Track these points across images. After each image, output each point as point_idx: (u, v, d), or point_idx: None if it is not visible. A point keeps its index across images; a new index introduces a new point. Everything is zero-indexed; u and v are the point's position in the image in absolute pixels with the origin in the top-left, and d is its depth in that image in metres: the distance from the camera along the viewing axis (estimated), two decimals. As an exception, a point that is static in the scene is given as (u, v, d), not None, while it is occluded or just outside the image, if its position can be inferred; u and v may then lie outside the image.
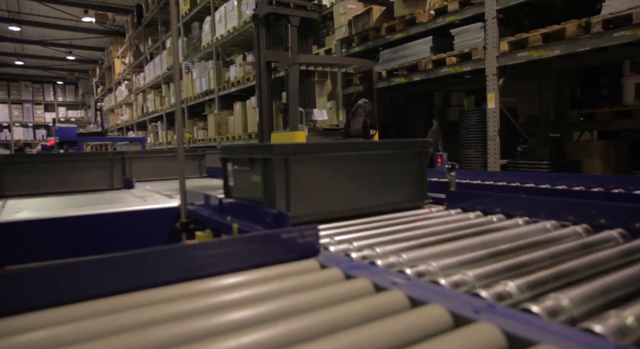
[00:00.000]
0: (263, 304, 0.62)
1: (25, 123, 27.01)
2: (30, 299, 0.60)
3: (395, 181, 1.63)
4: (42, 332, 0.57)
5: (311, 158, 1.53)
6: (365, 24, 5.87)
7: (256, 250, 0.80)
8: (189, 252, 0.77)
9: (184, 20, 11.38)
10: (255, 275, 0.75)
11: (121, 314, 0.64)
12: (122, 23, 17.32)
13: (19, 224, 1.41)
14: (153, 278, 0.77)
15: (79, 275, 0.73)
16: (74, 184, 2.27)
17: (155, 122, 14.40)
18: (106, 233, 1.56)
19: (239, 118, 8.95)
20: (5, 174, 2.10)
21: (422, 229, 1.04)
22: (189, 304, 0.66)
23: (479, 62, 4.46)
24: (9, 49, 20.76)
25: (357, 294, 0.63)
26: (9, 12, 15.86)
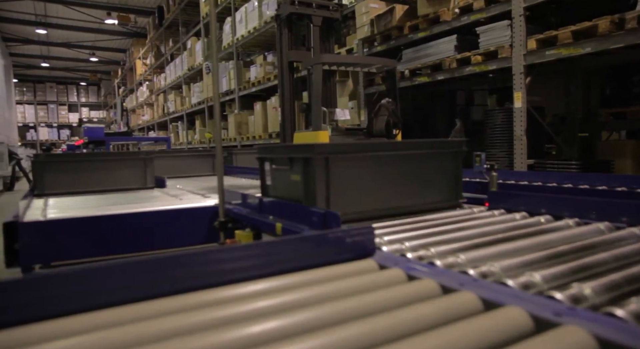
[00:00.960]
0: (328, 305, 0.62)
1: (50, 123, 27.71)
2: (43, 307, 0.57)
3: (432, 181, 1.64)
4: (61, 342, 0.52)
5: (351, 157, 1.53)
6: (388, 23, 5.84)
7: (312, 250, 0.80)
8: (245, 252, 0.77)
9: (205, 21, 11.49)
10: (314, 276, 0.75)
11: (172, 317, 0.63)
12: (143, 24, 17.61)
13: (68, 221, 1.45)
14: (207, 279, 0.77)
15: (114, 277, 0.69)
16: (109, 183, 2.32)
17: (176, 121, 14.59)
18: (145, 232, 1.59)
19: (259, 118, 9.00)
20: (45, 173, 2.16)
21: (472, 229, 1.03)
22: (247, 306, 0.65)
23: (505, 61, 4.39)
24: (36, 51, 21.33)
25: (425, 295, 0.63)
26: (36, 16, 16.29)
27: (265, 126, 8.84)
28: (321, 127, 4.96)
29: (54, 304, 0.59)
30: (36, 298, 0.57)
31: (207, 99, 11.43)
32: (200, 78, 12.40)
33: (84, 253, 1.50)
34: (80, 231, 1.47)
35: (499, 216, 1.21)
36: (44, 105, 27.58)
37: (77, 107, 28.79)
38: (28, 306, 0.55)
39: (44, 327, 0.54)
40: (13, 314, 0.54)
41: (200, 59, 11.94)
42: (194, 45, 12.41)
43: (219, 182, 1.55)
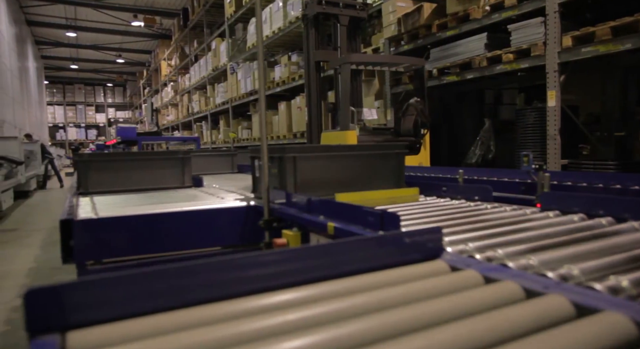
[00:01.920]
0: (405, 308, 0.61)
1: (78, 123, 28.48)
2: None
3: (379, 174, 2.19)
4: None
5: (312, 157, 2.04)
6: (416, 21, 5.79)
7: (378, 252, 0.79)
8: (309, 253, 0.77)
9: (229, 22, 11.61)
10: (384, 277, 0.74)
11: (236, 321, 0.62)
12: (168, 26, 17.91)
13: (119, 219, 1.48)
14: (276, 280, 0.76)
15: (173, 279, 0.67)
16: (149, 182, 2.36)
17: (200, 121, 14.79)
18: (192, 229, 1.62)
19: (283, 117, 9.04)
20: (89, 172, 2.22)
21: (532, 231, 1.01)
22: (316, 309, 0.64)
23: (538, 59, 4.30)
24: (66, 54, 21.95)
25: (508, 298, 0.61)
26: (66, 19, 16.75)
27: (289, 126, 8.88)
28: (349, 127, 4.95)
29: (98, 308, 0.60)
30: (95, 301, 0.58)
31: (231, 99, 11.55)
32: (225, 78, 12.53)
33: (133, 250, 1.53)
34: (131, 228, 1.51)
35: (555, 218, 1.18)
36: (72, 105, 28.36)
37: (103, 107, 29.50)
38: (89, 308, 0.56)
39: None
40: (87, 314, 0.56)
41: (225, 60, 12.07)
42: (219, 46, 12.55)
43: (264, 181, 1.56)
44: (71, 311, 0.54)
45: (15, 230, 5.84)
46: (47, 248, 4.73)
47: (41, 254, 4.45)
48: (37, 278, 3.57)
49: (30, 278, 3.59)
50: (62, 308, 0.53)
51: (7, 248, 4.80)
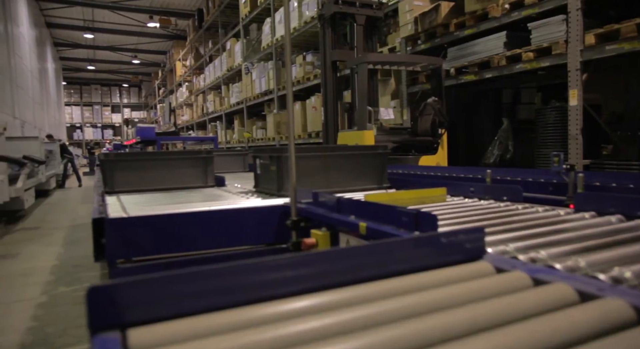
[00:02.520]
0: (453, 311, 0.60)
1: (94, 123, 28.92)
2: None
3: (363, 172, 2.54)
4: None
5: (305, 156, 2.31)
6: (433, 20, 5.74)
7: (418, 252, 0.79)
8: (351, 254, 0.76)
9: (244, 22, 11.67)
10: (426, 279, 0.74)
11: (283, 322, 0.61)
12: (183, 27, 18.08)
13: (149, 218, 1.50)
14: (322, 280, 0.76)
15: (223, 278, 0.67)
16: (173, 181, 2.38)
17: (215, 121, 14.90)
18: (219, 229, 1.63)
19: (298, 117, 9.04)
20: (115, 171, 2.25)
21: (571, 232, 0.99)
22: (364, 310, 0.63)
23: (559, 57, 4.23)
24: (83, 55, 22.31)
25: (562, 301, 0.60)
26: (84, 21, 17.02)
27: (304, 125, 8.88)
28: (366, 127, 4.94)
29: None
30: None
31: (246, 99, 11.61)
32: (239, 78, 12.60)
33: (163, 249, 1.55)
34: (161, 227, 1.52)
35: (593, 219, 1.16)
36: (89, 106, 28.81)
37: (119, 107, 29.90)
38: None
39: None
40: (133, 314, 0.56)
41: (239, 60, 12.13)
42: (233, 47, 12.62)
43: (292, 181, 1.56)
44: (131, 308, 0.54)
45: (37, 228, 5.95)
46: (68, 246, 4.81)
47: (63, 252, 4.53)
48: (60, 276, 3.63)
49: (54, 275, 3.65)
50: (122, 305, 0.54)
51: (31, 245, 4.90)
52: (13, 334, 2.46)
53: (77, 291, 3.21)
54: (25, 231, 5.78)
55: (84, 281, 3.44)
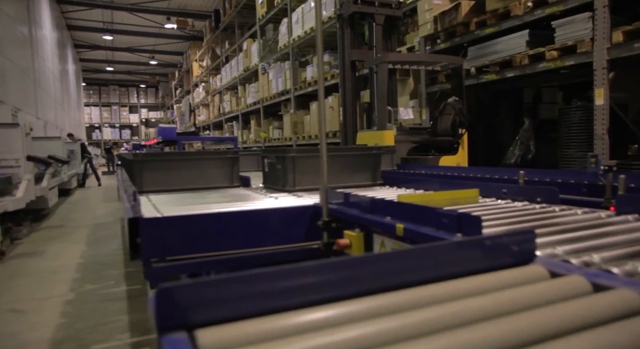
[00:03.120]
0: (511, 316, 0.59)
1: (113, 123, 29.39)
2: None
3: (359, 170, 2.85)
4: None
5: (306, 156, 2.53)
6: (453, 19, 5.69)
7: (467, 256, 0.78)
8: (397, 258, 0.75)
9: (260, 23, 11.72)
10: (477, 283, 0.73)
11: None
12: (200, 28, 18.25)
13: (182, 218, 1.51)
14: (374, 284, 0.74)
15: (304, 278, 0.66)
16: (200, 181, 2.41)
17: (231, 121, 15.00)
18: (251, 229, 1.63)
19: (315, 117, 9.05)
20: (144, 172, 2.28)
21: (619, 235, 0.97)
22: (417, 316, 0.62)
23: (585, 55, 4.15)
24: (102, 56, 22.69)
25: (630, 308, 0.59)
26: (103, 23, 17.31)
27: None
28: (386, 127, 4.91)
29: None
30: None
31: (262, 99, 11.66)
32: (256, 79, 12.67)
33: (195, 249, 1.57)
34: (193, 227, 1.54)
35: (638, 222, 1.13)
36: (107, 106, 29.28)
37: (137, 108, 30.33)
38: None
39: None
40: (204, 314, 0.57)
41: (256, 60, 12.19)
42: (250, 47, 12.69)
43: (323, 182, 1.57)
44: (197, 309, 0.55)
45: (61, 227, 6.07)
46: (91, 244, 4.90)
47: (87, 250, 4.62)
48: (86, 274, 3.70)
49: (79, 273, 3.72)
50: (188, 307, 0.54)
51: (56, 243, 5.00)
52: (45, 330, 2.52)
53: (103, 288, 3.27)
54: (50, 229, 5.90)
55: (109, 279, 3.50)
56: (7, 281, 3.53)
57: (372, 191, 2.46)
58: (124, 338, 2.41)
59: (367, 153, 2.91)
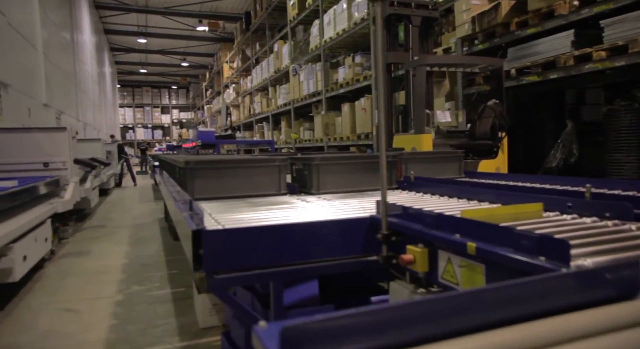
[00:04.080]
0: None
1: (145, 124, 30.19)
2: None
3: (377, 176, 2.60)
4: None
5: (330, 163, 2.72)
6: (492, 19, 5.56)
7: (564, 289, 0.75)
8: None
9: (291, 25, 11.78)
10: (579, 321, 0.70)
11: None
12: (231, 30, 18.51)
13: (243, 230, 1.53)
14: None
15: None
16: (249, 189, 2.43)
17: (261, 122, 15.15)
18: (309, 241, 1.64)
19: (347, 119, 9.03)
20: (195, 179, 2.32)
21: None
22: None
23: (637, 56, 3.97)
24: (136, 59, 23.34)
25: None
26: (138, 26, 17.79)
27: (353, 127, 8.86)
28: (424, 130, 4.85)
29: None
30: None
31: (293, 101, 11.73)
32: (286, 80, 12.75)
33: (255, 261, 1.58)
34: (253, 239, 1.56)
35: None
36: (140, 107, 30.10)
37: (168, 108, 31.04)
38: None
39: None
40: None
41: (287, 62, 12.27)
42: (281, 48, 12.77)
43: (382, 193, 1.55)
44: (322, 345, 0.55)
45: (103, 227, 6.28)
46: (134, 245, 5.04)
47: (130, 251, 4.75)
48: (131, 274, 3.81)
49: (125, 273, 3.84)
50: (315, 343, 0.54)
51: (100, 243, 5.18)
52: (99, 331, 2.61)
53: (150, 290, 3.36)
54: (93, 229, 6.11)
55: (154, 281, 3.59)
56: (60, 280, 3.67)
57: (392, 196, 2.52)
58: (174, 341, 2.47)
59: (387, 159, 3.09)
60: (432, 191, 2.72)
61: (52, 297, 3.25)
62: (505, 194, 2.02)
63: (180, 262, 4.11)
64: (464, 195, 2.29)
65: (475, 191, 2.25)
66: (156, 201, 9.00)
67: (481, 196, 2.19)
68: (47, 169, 4.93)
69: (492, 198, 2.11)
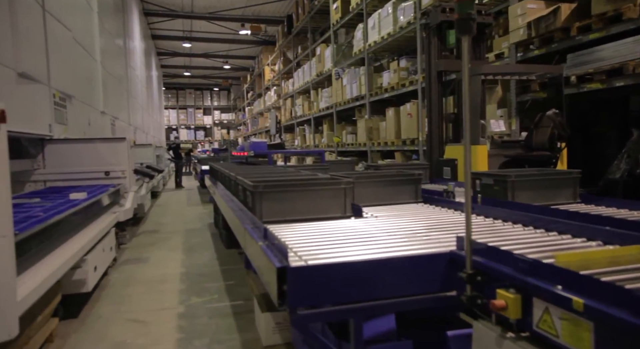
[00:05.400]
0: None
1: (188, 125, 31.09)
2: None
3: (403, 190, 3.22)
4: None
5: (359, 179, 3.00)
6: (550, 24, 5.34)
7: None
8: None
9: (335, 28, 11.79)
10: None
11: None
12: (272, 33, 18.73)
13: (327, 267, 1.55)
14: None
15: None
16: (314, 211, 2.45)
17: (303, 125, 15.26)
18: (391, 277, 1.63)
19: (391, 124, 8.94)
20: (264, 202, 2.36)
21: None
22: None
23: None
24: (180, 62, 24.06)
25: None
26: (183, 31, 18.34)
27: (398, 132, 8.76)
28: (479, 141, 4.73)
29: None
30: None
31: (336, 104, 11.73)
32: (328, 83, 12.77)
33: (336, 297, 1.59)
34: (336, 276, 1.56)
35: None
36: (184, 109, 31.02)
37: (210, 110, 31.82)
38: None
39: None
40: None
41: (329, 65, 12.28)
42: (323, 52, 12.80)
43: (467, 229, 1.52)
44: None
45: (156, 232, 6.52)
46: (188, 253, 5.19)
47: (185, 259, 4.90)
48: (190, 285, 3.93)
49: (184, 284, 3.96)
50: None
51: (156, 250, 5.37)
52: (167, 345, 2.70)
53: (209, 302, 3.45)
54: (148, 234, 6.36)
55: (212, 293, 3.69)
56: (124, 288, 3.84)
57: (415, 210, 2.79)
58: (240, 358, 2.52)
59: (409, 178, 3.27)
60: (450, 206, 2.86)
61: (120, 306, 3.40)
62: (586, 228, 1.93)
63: (235, 272, 4.21)
64: (530, 221, 2.17)
65: (545, 219, 2.14)
66: (204, 204, 9.25)
67: (552, 226, 2.09)
68: (107, 177, 5.17)
69: (564, 229, 2.01)
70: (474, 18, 1.56)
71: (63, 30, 5.79)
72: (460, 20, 1.57)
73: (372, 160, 9.88)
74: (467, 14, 1.54)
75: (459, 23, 1.57)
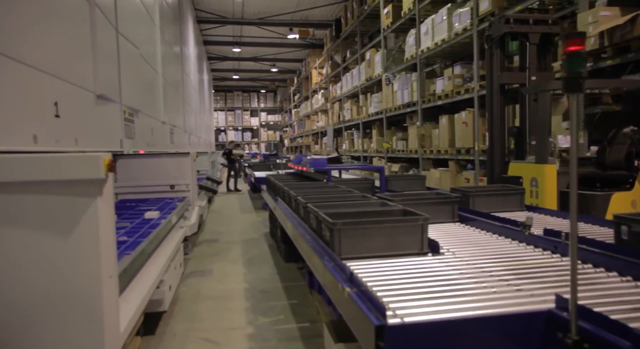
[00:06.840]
0: None
1: (236, 127, 31.87)
2: None
3: (441, 211, 3.49)
4: None
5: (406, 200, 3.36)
6: (627, 33, 5.03)
7: None
8: None
9: (385, 33, 11.67)
10: None
11: None
12: (320, 36, 18.81)
13: (424, 324, 1.54)
14: None
15: None
16: (390, 247, 2.44)
17: (350, 129, 15.23)
18: (478, 337, 1.60)
19: (445, 132, 8.76)
20: (342, 238, 2.39)
21: None
22: None
23: None
24: (229, 66, 24.69)
25: None
26: (233, 37, 18.80)
27: (452, 141, 8.57)
28: (548, 160, 4.53)
29: None
30: None
31: (386, 110, 11.63)
32: (378, 88, 12.68)
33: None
34: (433, 334, 1.55)
35: None
36: (231, 111, 31.83)
37: (257, 111, 32.45)
38: None
39: None
40: None
41: (379, 70, 12.18)
42: (373, 57, 12.71)
43: (572, 288, 1.47)
44: None
45: (215, 241, 6.74)
46: (248, 266, 5.32)
47: (247, 272, 5.04)
48: (255, 303, 4.03)
49: (249, 301, 4.07)
50: None
51: (217, 262, 5.55)
52: (242, 371, 2.79)
53: (276, 323, 3.53)
54: (207, 244, 6.58)
55: (278, 312, 3.77)
56: (194, 304, 4.00)
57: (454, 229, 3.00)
58: (313, 389, 2.56)
59: (446, 200, 3.56)
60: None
61: (191, 324, 3.55)
62: None
63: (297, 290, 4.27)
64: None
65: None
66: (257, 212, 9.46)
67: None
68: (172, 191, 5.40)
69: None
70: (584, 77, 1.49)
71: (131, 48, 6.09)
72: (569, 79, 1.51)
73: (424, 167, 9.72)
74: (577, 73, 1.48)
75: (567, 81, 1.52)
